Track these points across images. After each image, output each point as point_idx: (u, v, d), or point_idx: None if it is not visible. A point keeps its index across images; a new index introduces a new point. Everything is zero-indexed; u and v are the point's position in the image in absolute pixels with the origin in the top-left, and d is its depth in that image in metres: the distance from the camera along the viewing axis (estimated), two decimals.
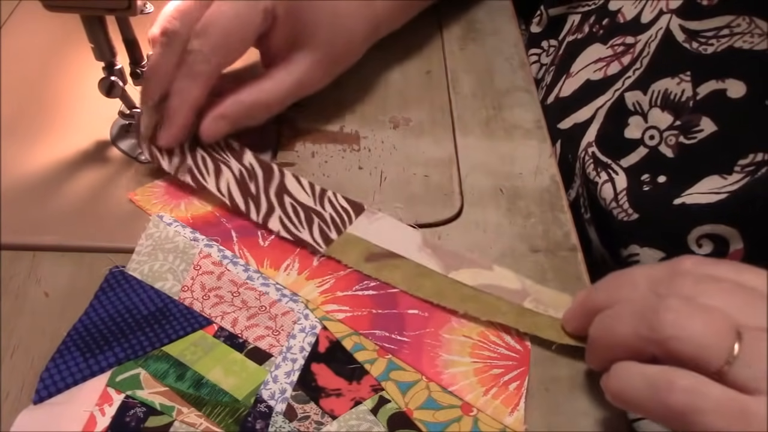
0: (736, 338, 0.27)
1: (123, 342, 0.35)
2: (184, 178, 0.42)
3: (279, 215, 0.41)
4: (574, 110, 0.49)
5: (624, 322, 0.31)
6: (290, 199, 0.42)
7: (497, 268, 0.39)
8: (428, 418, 0.33)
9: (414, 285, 0.38)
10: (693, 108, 0.41)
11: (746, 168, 0.39)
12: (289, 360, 0.35)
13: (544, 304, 0.38)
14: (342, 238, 0.40)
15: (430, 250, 0.40)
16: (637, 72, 0.45)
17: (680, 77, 0.42)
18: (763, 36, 0.39)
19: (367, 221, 0.41)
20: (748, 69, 0.39)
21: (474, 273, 0.39)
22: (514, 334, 0.37)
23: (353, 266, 0.39)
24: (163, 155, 0.43)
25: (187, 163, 0.43)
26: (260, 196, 0.42)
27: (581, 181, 0.48)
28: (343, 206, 0.42)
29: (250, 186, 0.42)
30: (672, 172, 0.42)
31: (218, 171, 0.43)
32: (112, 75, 0.43)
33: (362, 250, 0.40)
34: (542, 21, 0.59)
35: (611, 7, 0.50)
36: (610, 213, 0.44)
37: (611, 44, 0.49)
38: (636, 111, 0.44)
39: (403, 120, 0.50)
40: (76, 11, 0.40)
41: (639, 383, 0.29)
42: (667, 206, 0.41)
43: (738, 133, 0.40)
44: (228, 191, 0.42)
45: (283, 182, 0.43)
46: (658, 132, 0.43)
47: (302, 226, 0.41)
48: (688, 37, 0.42)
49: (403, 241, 0.40)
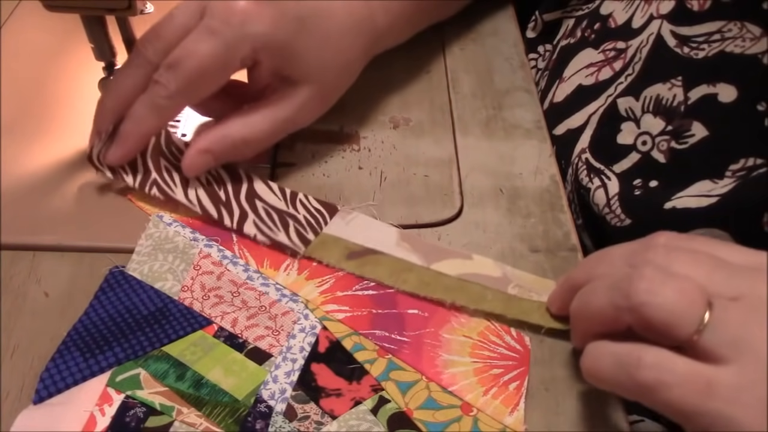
0: (707, 307, 0.28)
1: (123, 342, 0.35)
2: (152, 191, 0.41)
3: (253, 219, 0.40)
4: (567, 116, 0.50)
5: (600, 294, 0.32)
6: (261, 203, 0.41)
7: (476, 256, 0.40)
8: (428, 418, 0.33)
9: (399, 279, 0.38)
10: (684, 113, 0.41)
11: (737, 173, 0.39)
12: (289, 360, 0.35)
13: (527, 289, 0.38)
14: (319, 239, 0.40)
15: (407, 245, 0.40)
16: (629, 78, 0.45)
17: (671, 82, 0.42)
18: (755, 40, 0.39)
19: (343, 221, 0.41)
20: (739, 73, 0.39)
21: (455, 263, 0.39)
22: (514, 333, 0.37)
23: (335, 265, 0.39)
24: (126, 172, 0.41)
25: (152, 176, 0.41)
26: (231, 201, 0.41)
27: (573, 187, 0.48)
28: (317, 208, 0.42)
29: (219, 193, 0.41)
30: (664, 177, 0.42)
31: (185, 180, 0.42)
32: (112, 75, 0.43)
33: (342, 248, 0.40)
34: (537, 26, 0.59)
35: (602, 11, 0.50)
36: (604, 218, 0.44)
37: (603, 49, 0.49)
38: (629, 117, 0.44)
39: (403, 120, 0.50)
40: (76, 11, 0.40)
41: (609, 361, 0.30)
42: (659, 210, 0.41)
43: (729, 138, 0.40)
44: (197, 200, 0.41)
45: (252, 186, 0.42)
46: (650, 137, 0.43)
47: (278, 228, 0.40)
48: (679, 42, 0.42)
49: (381, 237, 0.41)
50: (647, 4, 0.46)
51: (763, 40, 0.38)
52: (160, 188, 0.41)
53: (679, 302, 0.28)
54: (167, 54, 0.38)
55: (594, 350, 0.31)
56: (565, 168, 0.48)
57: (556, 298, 0.37)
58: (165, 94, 0.38)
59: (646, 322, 0.29)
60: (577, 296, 0.34)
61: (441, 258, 0.40)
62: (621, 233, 0.43)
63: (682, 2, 0.42)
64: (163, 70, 0.38)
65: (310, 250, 0.39)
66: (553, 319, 0.37)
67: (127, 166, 0.41)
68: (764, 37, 0.38)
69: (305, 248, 0.40)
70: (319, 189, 0.44)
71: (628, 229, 0.43)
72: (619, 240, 0.43)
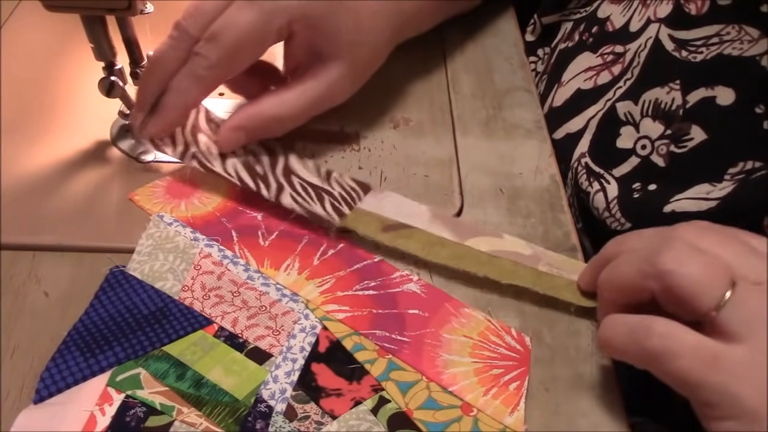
0: (730, 285, 0.29)
1: (123, 342, 0.35)
2: (191, 163, 0.42)
3: (290, 192, 0.41)
4: (567, 120, 0.50)
5: (628, 263, 0.32)
6: (297, 178, 0.42)
7: (507, 236, 0.41)
8: (428, 418, 0.33)
9: (431, 252, 0.39)
10: (683, 116, 0.41)
11: (736, 176, 0.39)
12: (289, 360, 0.35)
13: (557, 268, 0.39)
14: (354, 213, 0.41)
15: (440, 222, 0.41)
16: (628, 82, 0.45)
17: (670, 86, 0.42)
18: (753, 42, 0.39)
19: (375, 199, 0.42)
20: (737, 75, 0.39)
21: (487, 240, 0.40)
22: (515, 333, 0.37)
23: (371, 236, 0.40)
24: (167, 143, 0.43)
25: (192, 149, 0.43)
26: (268, 176, 0.42)
27: (573, 191, 0.48)
28: (351, 185, 0.43)
29: (256, 167, 0.43)
30: (663, 180, 0.42)
31: (223, 155, 0.43)
32: (112, 75, 0.43)
33: (377, 222, 0.41)
34: (536, 29, 0.59)
35: (600, 14, 0.50)
36: (603, 222, 0.44)
37: (601, 53, 0.49)
38: (628, 121, 0.44)
39: (403, 120, 0.50)
40: (76, 11, 0.40)
41: (622, 331, 0.31)
42: (658, 214, 0.41)
43: (728, 141, 0.40)
44: (236, 173, 0.42)
45: (288, 162, 0.43)
46: (649, 141, 0.43)
47: (314, 201, 0.41)
48: (677, 46, 0.42)
49: (414, 214, 0.41)
50: (645, 7, 0.46)
51: (761, 42, 0.38)
52: (199, 161, 0.42)
53: (703, 275, 0.29)
54: (207, 28, 0.39)
55: (609, 320, 0.32)
56: (565, 172, 0.48)
57: (587, 272, 0.38)
58: (206, 65, 0.40)
59: (669, 290, 0.29)
60: (607, 268, 0.34)
61: (473, 235, 0.40)
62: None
63: (680, 6, 0.42)
64: (204, 42, 0.39)
65: (347, 222, 0.40)
66: (583, 297, 0.37)
67: (168, 138, 0.43)
68: (762, 39, 0.38)
69: (340, 220, 0.40)
70: None
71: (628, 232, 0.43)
72: None
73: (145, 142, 0.42)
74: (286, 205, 0.41)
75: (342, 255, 0.40)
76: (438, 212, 0.42)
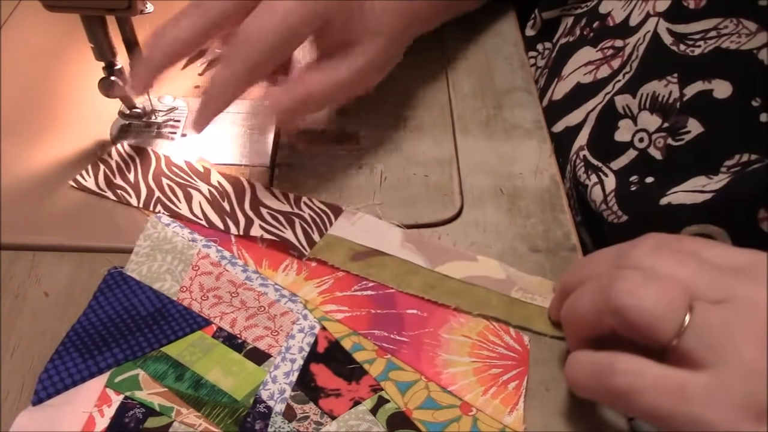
0: (688, 309, 0.28)
1: (122, 343, 0.35)
2: (157, 209, 0.41)
3: (259, 224, 0.41)
4: (566, 113, 0.50)
5: (584, 298, 0.32)
6: (266, 209, 0.42)
7: (481, 258, 0.40)
8: (427, 418, 0.33)
9: (403, 282, 0.38)
10: (680, 109, 0.41)
11: (732, 168, 0.39)
12: (288, 360, 0.35)
13: (531, 292, 0.38)
14: (324, 240, 0.40)
15: (412, 246, 0.40)
16: (627, 76, 0.45)
17: (667, 79, 0.42)
18: (750, 35, 0.39)
19: (347, 222, 0.41)
20: (734, 69, 0.39)
21: (460, 266, 0.39)
22: (513, 333, 0.37)
23: (340, 266, 0.39)
24: (130, 194, 0.42)
25: (156, 195, 0.42)
26: (236, 211, 0.41)
27: (571, 184, 0.48)
28: (321, 209, 0.42)
29: (223, 204, 0.42)
30: (660, 173, 0.42)
31: (188, 196, 0.42)
32: (112, 75, 0.43)
33: (347, 250, 0.40)
34: (536, 24, 0.59)
35: (602, 10, 0.50)
36: (601, 215, 0.44)
37: (601, 47, 0.49)
38: (626, 114, 0.44)
39: (403, 120, 0.50)
40: (76, 11, 0.40)
41: (586, 370, 0.30)
42: (654, 206, 0.41)
43: (724, 134, 0.40)
44: (203, 213, 0.41)
45: (255, 195, 0.42)
46: (647, 134, 0.43)
47: (284, 227, 0.40)
48: (675, 39, 0.42)
49: (385, 238, 0.41)
50: (644, 2, 0.46)
51: (758, 36, 0.38)
52: (164, 206, 0.41)
53: (658, 305, 0.28)
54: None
55: (573, 360, 0.31)
56: (564, 165, 0.49)
57: (554, 303, 0.37)
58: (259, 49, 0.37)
59: (626, 325, 0.29)
60: (566, 302, 0.34)
61: (446, 260, 0.40)
62: (618, 229, 0.43)
63: (679, 0, 0.42)
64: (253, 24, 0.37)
65: (315, 252, 0.40)
66: (555, 327, 0.37)
67: (130, 189, 0.42)
68: (760, 33, 0.38)
69: (311, 250, 0.40)
70: (319, 189, 0.44)
71: (625, 225, 0.43)
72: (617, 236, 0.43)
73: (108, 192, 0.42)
74: (254, 235, 0.40)
75: None
76: (411, 235, 0.41)
